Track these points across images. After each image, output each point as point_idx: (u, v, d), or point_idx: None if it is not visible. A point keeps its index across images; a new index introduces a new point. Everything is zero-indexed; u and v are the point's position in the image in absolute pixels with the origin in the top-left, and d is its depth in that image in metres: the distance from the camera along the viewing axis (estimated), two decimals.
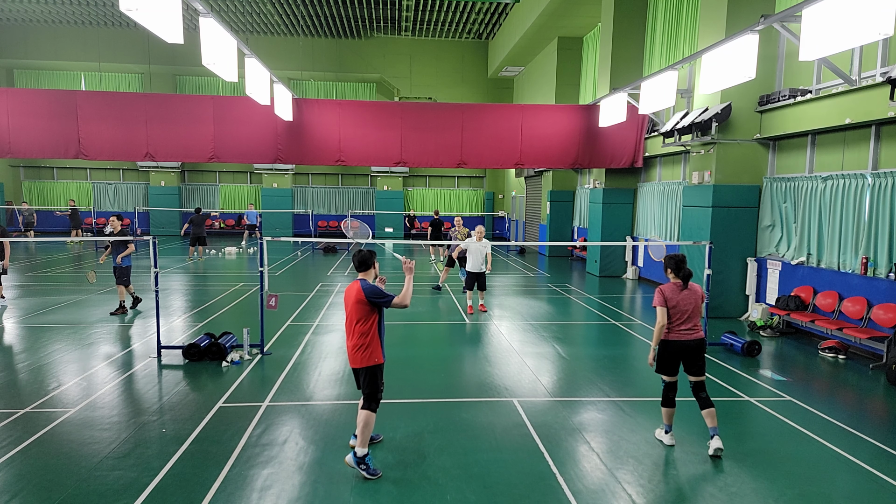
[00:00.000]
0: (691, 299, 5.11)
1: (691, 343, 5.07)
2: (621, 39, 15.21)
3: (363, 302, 4.61)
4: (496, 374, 7.30)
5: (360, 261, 4.83)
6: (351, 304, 4.68)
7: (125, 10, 6.03)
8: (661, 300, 5.10)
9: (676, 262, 5.17)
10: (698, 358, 5.11)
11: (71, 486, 4.34)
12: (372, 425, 4.65)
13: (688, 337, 5.08)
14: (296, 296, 12.24)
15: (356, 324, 4.65)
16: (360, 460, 4.58)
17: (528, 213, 25.47)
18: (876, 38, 5.98)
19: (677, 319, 5.08)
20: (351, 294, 4.70)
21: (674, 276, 5.17)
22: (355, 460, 4.59)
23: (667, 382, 5.22)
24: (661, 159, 14.83)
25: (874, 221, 8.44)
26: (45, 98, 13.68)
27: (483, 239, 10.49)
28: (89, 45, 25.64)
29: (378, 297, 4.64)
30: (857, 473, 4.80)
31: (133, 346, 8.30)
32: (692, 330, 5.09)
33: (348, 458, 4.65)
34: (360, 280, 4.75)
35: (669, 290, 5.12)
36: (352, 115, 14.41)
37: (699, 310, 5.18)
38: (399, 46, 27.30)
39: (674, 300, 5.08)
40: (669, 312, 5.09)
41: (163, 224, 27.70)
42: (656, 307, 5.12)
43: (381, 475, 4.57)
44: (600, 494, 4.39)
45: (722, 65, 8.73)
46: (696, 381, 5.13)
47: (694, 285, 5.20)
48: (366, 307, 4.62)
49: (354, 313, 4.65)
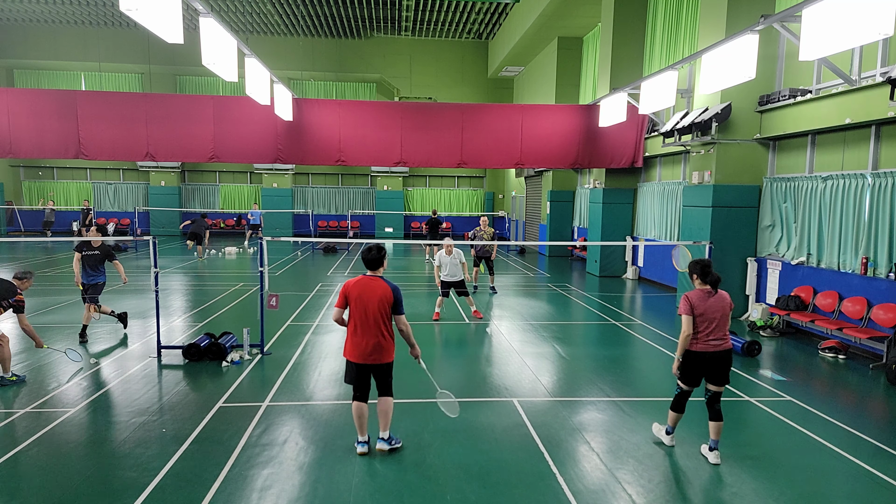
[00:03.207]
0: (719, 307, 4.83)
1: (719, 354, 4.82)
2: (621, 39, 15.20)
3: (391, 302, 4.76)
4: (496, 374, 7.30)
5: (372, 258, 4.88)
6: (376, 302, 4.73)
7: (125, 10, 6.03)
8: (687, 308, 4.81)
9: (703, 267, 4.89)
10: (724, 369, 4.88)
11: (71, 487, 4.34)
12: (392, 408, 5.02)
13: (716, 348, 4.80)
14: (296, 296, 12.24)
15: (383, 323, 4.77)
16: (390, 439, 4.97)
17: (528, 213, 25.46)
18: (876, 38, 5.98)
19: (705, 329, 4.80)
20: (375, 293, 4.75)
21: (700, 282, 4.92)
22: (386, 442, 4.94)
23: (683, 391, 5.03)
24: (661, 159, 14.83)
25: (874, 221, 8.44)
26: (45, 98, 13.67)
27: (454, 251, 10.21)
28: (89, 45, 25.63)
29: (401, 302, 4.85)
30: (857, 473, 4.80)
31: (133, 346, 8.30)
32: (721, 340, 4.82)
33: (381, 445, 4.93)
34: (382, 279, 4.85)
35: (696, 298, 4.84)
36: (352, 115, 14.41)
37: (727, 318, 4.88)
38: (399, 46, 27.29)
39: (701, 308, 4.80)
40: (696, 321, 4.81)
41: (163, 224, 27.69)
42: (682, 315, 4.85)
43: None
44: (600, 494, 4.39)
45: (722, 65, 8.73)
46: (715, 391, 4.92)
47: (722, 292, 4.94)
48: (391, 307, 4.78)
49: (380, 312, 4.75)
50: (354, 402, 4.92)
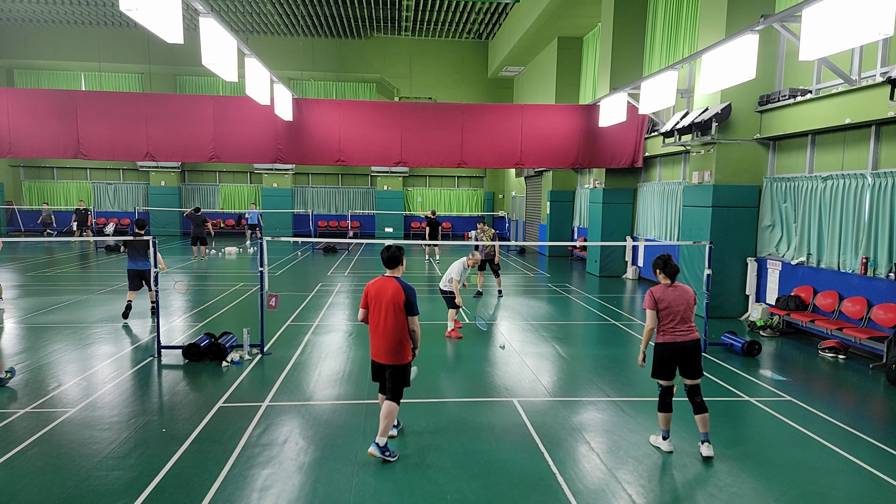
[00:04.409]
0: (683, 299, 5.03)
1: (688, 344, 5.00)
2: (621, 39, 15.20)
3: (403, 303, 4.77)
4: (496, 374, 7.30)
5: (389, 257, 4.98)
6: (388, 303, 4.78)
7: (125, 10, 6.03)
8: (650, 302, 5.04)
9: (664, 262, 5.13)
10: (695, 360, 5.03)
11: (71, 486, 4.34)
12: (395, 416, 4.90)
13: (684, 338, 4.99)
14: (296, 296, 12.24)
15: (394, 323, 4.79)
16: (385, 448, 4.80)
17: (528, 213, 25.47)
18: (876, 38, 5.98)
19: (671, 320, 5.01)
20: (387, 293, 4.79)
21: (664, 276, 5.12)
22: (380, 449, 4.77)
23: (664, 387, 5.13)
24: (661, 159, 14.83)
25: (874, 221, 8.44)
26: (45, 98, 13.67)
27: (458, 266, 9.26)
28: (89, 45, 25.63)
29: (414, 303, 4.86)
30: (857, 473, 4.80)
31: (133, 346, 8.30)
32: (688, 331, 5.01)
33: (372, 450, 4.77)
34: (397, 279, 4.89)
35: (660, 291, 5.07)
36: (352, 115, 14.41)
37: (692, 309, 5.11)
38: (399, 46, 27.29)
39: (665, 301, 5.02)
40: (661, 314, 5.02)
41: (163, 224, 27.70)
42: (645, 310, 5.09)
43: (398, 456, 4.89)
44: (600, 494, 4.39)
45: (722, 65, 8.73)
46: (692, 384, 5.05)
47: (683, 285, 5.16)
48: (403, 308, 4.79)
49: (394, 313, 4.78)
50: (380, 395, 5.17)
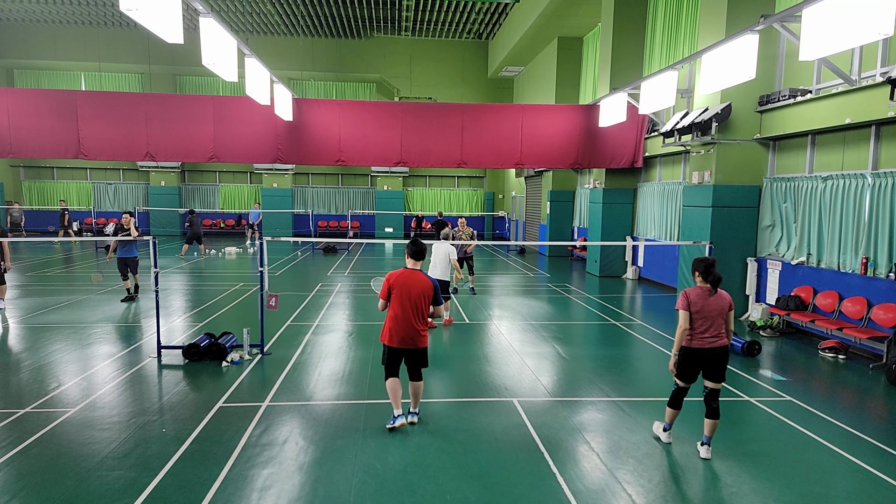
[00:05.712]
0: (717, 305, 4.89)
1: (715, 351, 4.89)
2: (621, 39, 15.20)
3: (431, 294, 5.34)
4: (496, 374, 7.30)
5: (418, 250, 5.44)
6: (418, 295, 5.29)
7: (125, 10, 6.03)
8: (683, 303, 4.90)
9: (706, 266, 4.95)
10: (721, 365, 4.94)
11: (71, 486, 4.34)
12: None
13: (711, 345, 4.88)
14: (296, 296, 12.24)
15: (421, 312, 5.32)
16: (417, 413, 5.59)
17: (528, 213, 25.46)
18: (876, 38, 5.98)
19: (700, 326, 4.88)
20: (417, 285, 5.30)
21: (702, 280, 4.98)
22: (417, 416, 5.56)
23: (680, 387, 5.10)
24: (661, 159, 14.83)
25: (874, 221, 8.44)
26: (45, 98, 13.67)
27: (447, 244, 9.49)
28: (89, 45, 25.64)
29: (440, 293, 5.48)
30: (857, 473, 4.80)
31: (133, 346, 8.29)
32: (716, 338, 4.90)
33: (412, 419, 5.49)
34: (422, 272, 5.41)
35: (695, 295, 4.92)
36: (352, 115, 14.41)
37: (724, 316, 4.93)
38: (399, 46, 27.29)
39: (698, 305, 4.88)
40: (693, 318, 4.89)
41: (163, 224, 27.70)
42: (678, 310, 4.95)
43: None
44: (600, 494, 4.39)
45: (722, 65, 8.73)
46: (713, 387, 4.98)
47: (722, 292, 4.99)
48: (431, 299, 5.36)
49: (420, 303, 5.30)
50: (389, 380, 5.46)
